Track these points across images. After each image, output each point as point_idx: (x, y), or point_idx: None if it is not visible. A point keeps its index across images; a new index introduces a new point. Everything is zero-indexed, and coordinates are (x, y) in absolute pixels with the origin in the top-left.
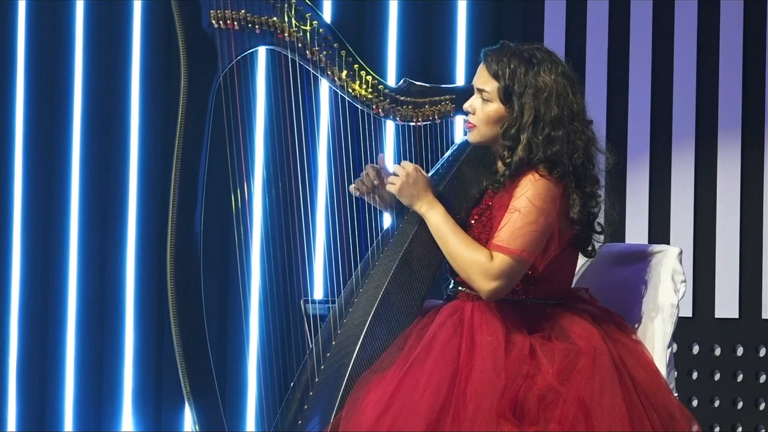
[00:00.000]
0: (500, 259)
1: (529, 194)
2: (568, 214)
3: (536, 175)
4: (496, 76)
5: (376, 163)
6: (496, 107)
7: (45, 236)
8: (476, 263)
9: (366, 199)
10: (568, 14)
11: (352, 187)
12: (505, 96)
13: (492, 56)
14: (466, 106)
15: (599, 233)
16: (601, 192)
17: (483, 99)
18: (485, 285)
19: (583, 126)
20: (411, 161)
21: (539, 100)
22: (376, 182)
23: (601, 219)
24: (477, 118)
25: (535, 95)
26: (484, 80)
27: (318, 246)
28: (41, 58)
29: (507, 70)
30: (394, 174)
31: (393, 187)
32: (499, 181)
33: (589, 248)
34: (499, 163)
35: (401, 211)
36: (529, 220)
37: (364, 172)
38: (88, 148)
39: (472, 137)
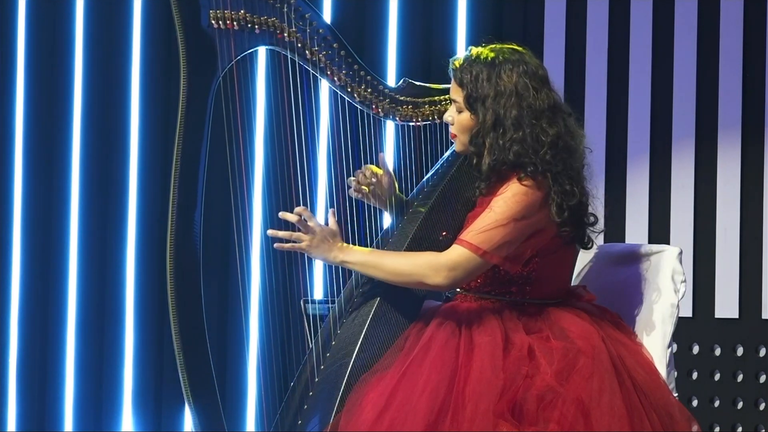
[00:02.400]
0: (456, 252)
1: (506, 196)
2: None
3: (518, 181)
4: (461, 84)
5: (377, 163)
6: (466, 116)
7: (45, 236)
8: (422, 264)
9: (365, 200)
10: (568, 14)
11: (351, 190)
12: (470, 103)
13: (456, 65)
14: (445, 117)
15: (593, 224)
16: (586, 184)
17: (456, 109)
18: (438, 278)
19: (550, 121)
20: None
21: (499, 103)
22: (373, 180)
23: (598, 212)
24: (455, 128)
25: (495, 99)
26: (454, 91)
27: None
28: (41, 58)
29: (470, 77)
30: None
31: (304, 246)
32: (479, 187)
33: (585, 240)
34: None
35: (401, 210)
36: (499, 220)
37: (359, 172)
38: (88, 148)
39: (457, 147)
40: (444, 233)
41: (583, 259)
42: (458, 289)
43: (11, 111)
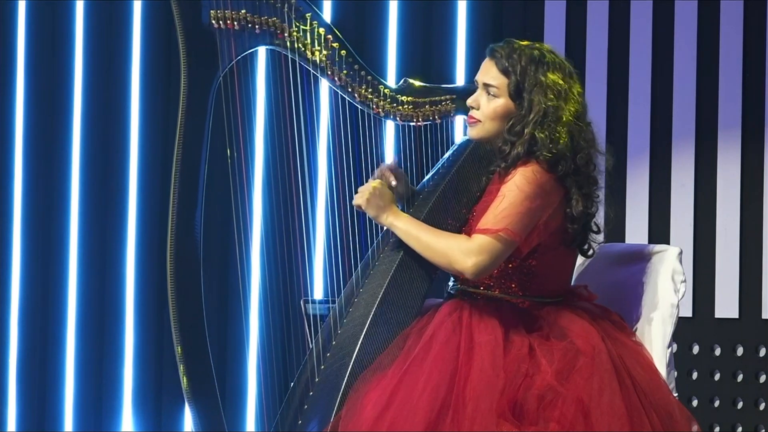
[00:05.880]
0: (479, 238)
1: (516, 179)
2: (563, 208)
3: (528, 164)
4: (506, 72)
5: (393, 162)
6: (503, 102)
7: (45, 236)
8: (452, 246)
9: None
10: (568, 14)
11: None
12: (516, 92)
13: (501, 52)
14: (470, 101)
15: (596, 233)
16: (600, 193)
17: (489, 94)
18: (466, 262)
19: (585, 126)
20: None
21: (547, 98)
22: (393, 183)
23: (599, 220)
24: (482, 113)
25: (544, 93)
26: (492, 76)
27: (318, 246)
28: (41, 58)
29: (518, 66)
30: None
31: (360, 198)
32: (493, 171)
33: (586, 247)
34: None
35: (402, 210)
36: (513, 202)
37: (380, 171)
38: (88, 148)
39: (475, 132)
40: (450, 221)
41: (583, 258)
42: (459, 286)
43: (11, 111)
